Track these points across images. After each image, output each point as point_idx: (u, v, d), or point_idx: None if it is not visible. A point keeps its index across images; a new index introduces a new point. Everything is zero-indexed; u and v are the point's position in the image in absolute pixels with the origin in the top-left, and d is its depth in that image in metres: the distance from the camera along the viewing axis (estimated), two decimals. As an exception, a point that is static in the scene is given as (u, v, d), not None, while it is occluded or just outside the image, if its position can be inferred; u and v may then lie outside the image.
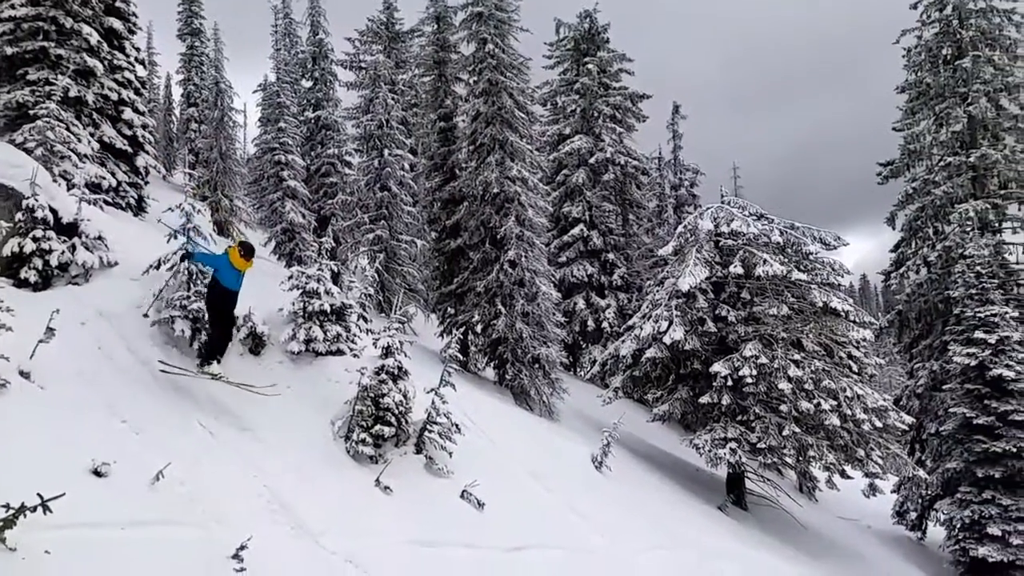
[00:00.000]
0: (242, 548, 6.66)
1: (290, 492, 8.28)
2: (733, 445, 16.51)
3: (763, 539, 15.94)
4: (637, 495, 14.84)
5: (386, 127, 22.30)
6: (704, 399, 17.33)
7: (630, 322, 19.81)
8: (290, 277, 11.12)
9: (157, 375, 9.16)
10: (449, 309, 21.64)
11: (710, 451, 16.81)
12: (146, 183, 17.95)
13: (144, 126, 17.30)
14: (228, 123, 26.03)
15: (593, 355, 27.80)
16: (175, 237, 10.53)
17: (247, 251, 9.72)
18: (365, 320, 11.88)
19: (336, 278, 13.43)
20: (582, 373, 29.42)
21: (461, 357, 18.56)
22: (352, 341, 11.17)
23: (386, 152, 22.01)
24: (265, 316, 10.88)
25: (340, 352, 10.90)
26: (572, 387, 22.66)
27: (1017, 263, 25.35)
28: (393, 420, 10.01)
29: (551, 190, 28.05)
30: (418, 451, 10.35)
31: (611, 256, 29.55)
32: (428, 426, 10.40)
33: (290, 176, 23.40)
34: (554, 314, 20.79)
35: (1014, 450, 18.58)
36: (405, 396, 10.23)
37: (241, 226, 25.07)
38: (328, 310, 10.89)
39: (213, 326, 9.59)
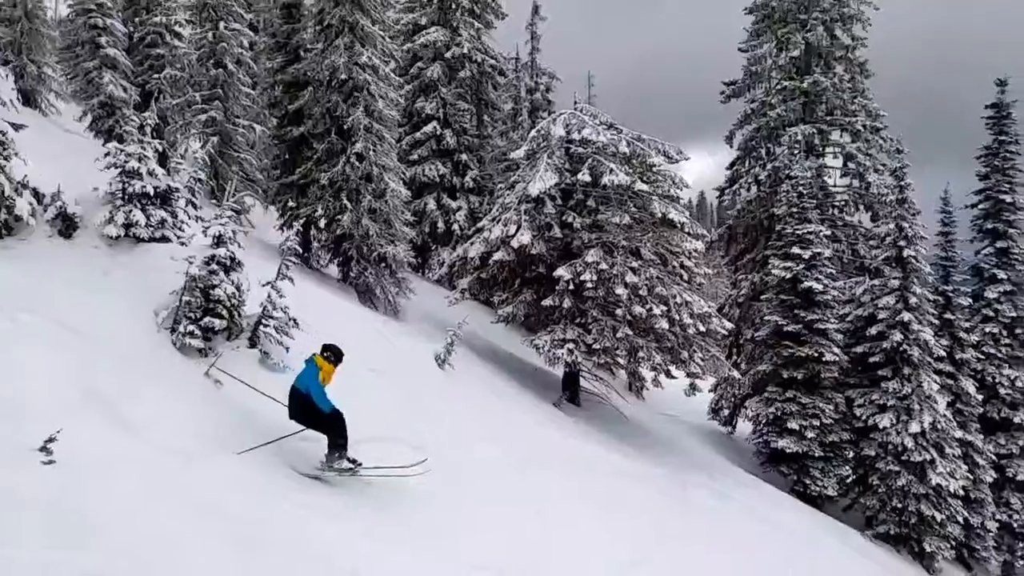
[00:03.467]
0: (51, 440, 6.14)
1: (109, 385, 7.70)
2: (571, 346, 17.21)
3: (593, 432, 16.93)
4: (478, 391, 15.20)
5: (223, -3, 20.26)
6: (547, 302, 17.81)
7: (480, 224, 19.79)
8: (107, 154, 10.06)
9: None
10: (290, 201, 20.51)
11: (549, 351, 17.45)
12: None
13: (-76, -33, 14.73)
14: (34, -24, 22.59)
15: (442, 257, 27.67)
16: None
17: (336, 357, 8.60)
18: (195, 207, 11.07)
19: (163, 160, 12.36)
20: (431, 275, 29.34)
21: (302, 252, 17.78)
22: (179, 228, 10.40)
23: (222, 25, 20.03)
24: (78, 196, 9.84)
25: (165, 239, 10.12)
26: (420, 288, 22.56)
27: (835, 186, 27.64)
28: (224, 313, 9.50)
29: (404, 83, 26.98)
30: (252, 345, 9.93)
31: (464, 157, 29.11)
32: (263, 320, 9.96)
33: (109, 44, 20.81)
34: (403, 212, 20.35)
35: (815, 355, 20.65)
36: (238, 288, 9.70)
37: (51, 96, 22.22)
38: (152, 193, 10.00)
39: (319, 428, 8.43)
